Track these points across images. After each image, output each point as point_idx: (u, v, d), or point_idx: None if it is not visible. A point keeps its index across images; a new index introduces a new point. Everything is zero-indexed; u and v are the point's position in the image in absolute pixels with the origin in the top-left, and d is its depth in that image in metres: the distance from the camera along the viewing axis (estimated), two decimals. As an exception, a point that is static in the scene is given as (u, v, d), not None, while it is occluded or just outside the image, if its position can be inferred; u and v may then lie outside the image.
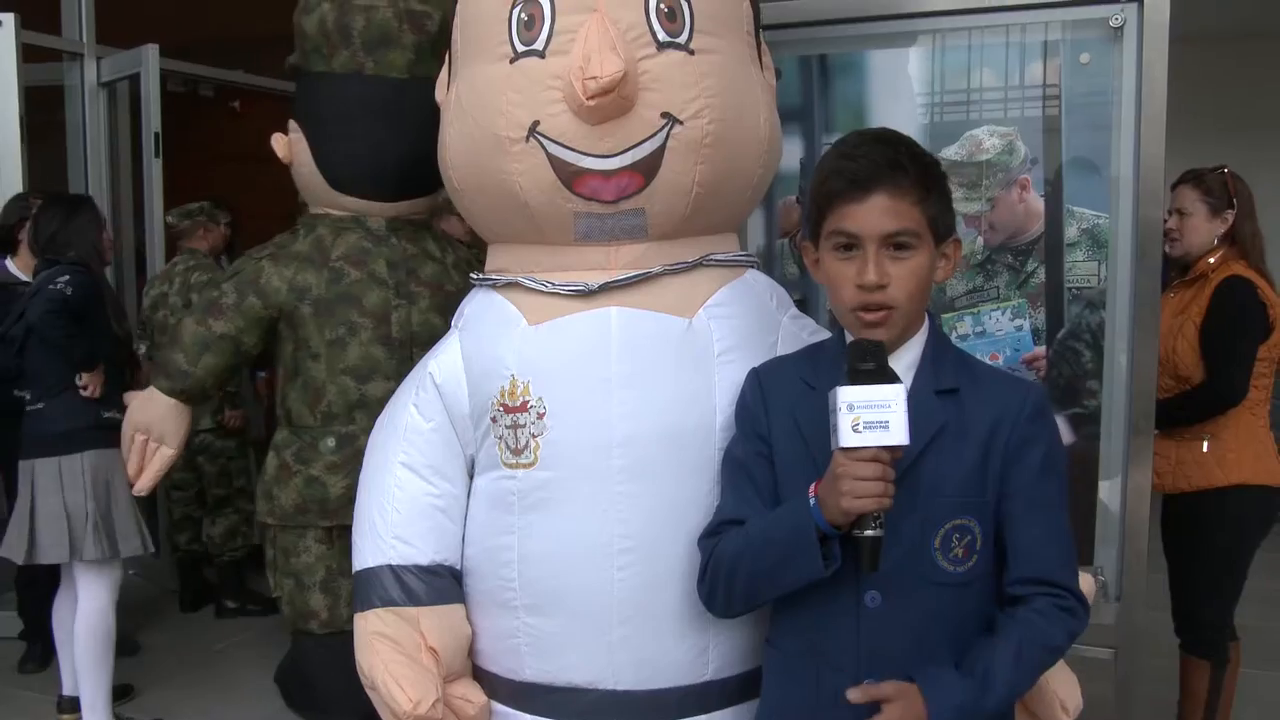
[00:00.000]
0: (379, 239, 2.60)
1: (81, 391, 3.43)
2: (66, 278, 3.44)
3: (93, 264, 3.62)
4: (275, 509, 2.54)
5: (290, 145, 2.66)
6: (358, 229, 2.60)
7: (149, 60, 5.03)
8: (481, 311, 1.86)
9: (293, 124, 2.66)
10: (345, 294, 2.52)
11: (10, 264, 4.12)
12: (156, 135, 5.03)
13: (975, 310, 2.31)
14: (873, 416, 1.36)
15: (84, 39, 5.24)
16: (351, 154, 2.60)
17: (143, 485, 2.59)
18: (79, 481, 3.40)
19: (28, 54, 4.61)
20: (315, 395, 2.50)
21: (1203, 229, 3.13)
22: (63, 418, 3.42)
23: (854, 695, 1.45)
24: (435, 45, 2.61)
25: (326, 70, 2.58)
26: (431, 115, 2.77)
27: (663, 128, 1.67)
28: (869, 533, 1.39)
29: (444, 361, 1.87)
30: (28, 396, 3.53)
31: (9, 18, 4.41)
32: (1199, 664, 3.12)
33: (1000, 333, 2.29)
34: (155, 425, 2.56)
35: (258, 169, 2.87)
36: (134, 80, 5.21)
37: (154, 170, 5.03)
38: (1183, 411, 3.07)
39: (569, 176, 1.69)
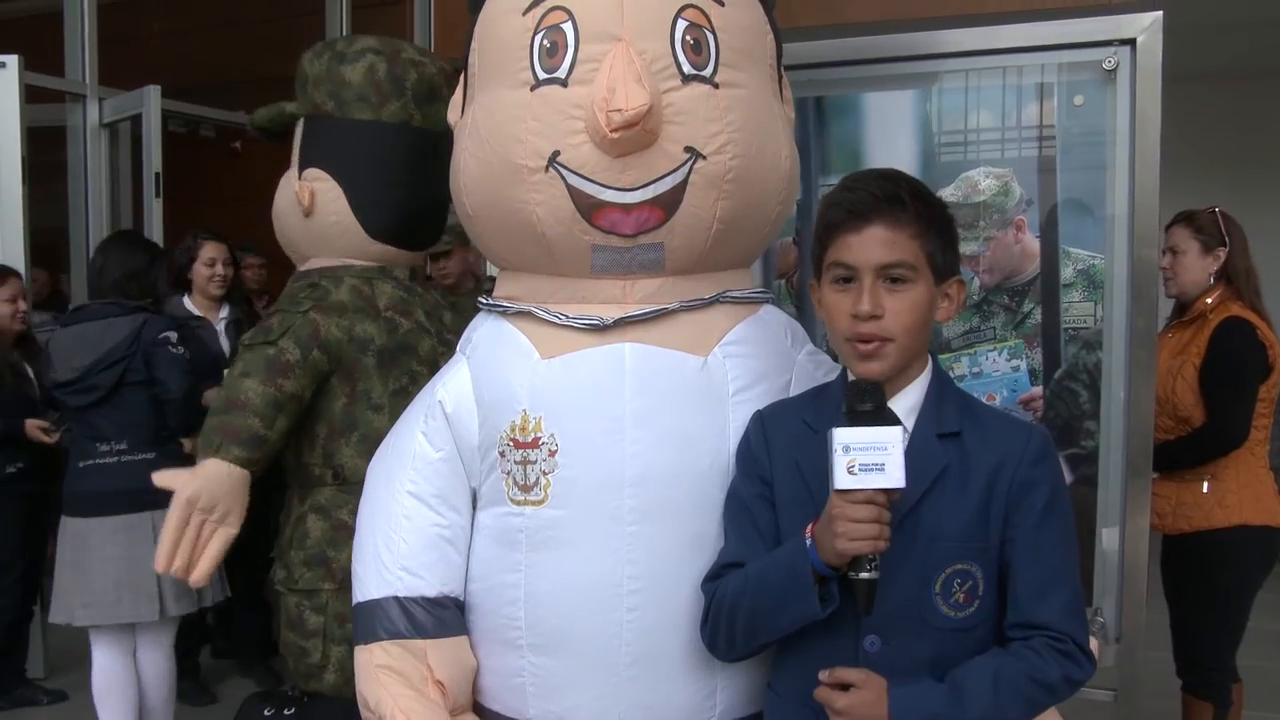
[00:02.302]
0: (406, 288, 2.59)
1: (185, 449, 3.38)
2: (175, 335, 3.36)
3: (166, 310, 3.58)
4: (335, 572, 2.41)
5: (313, 194, 2.57)
6: (387, 279, 2.58)
7: (150, 101, 5.07)
8: (492, 340, 1.84)
9: (314, 172, 2.59)
10: (404, 343, 2.50)
11: (187, 301, 4.24)
12: (157, 175, 5.06)
13: (971, 351, 2.31)
14: (868, 459, 1.36)
15: (86, 80, 5.28)
16: (398, 203, 2.59)
17: (202, 575, 2.31)
18: None
19: (30, 95, 4.64)
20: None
21: (1196, 266, 3.15)
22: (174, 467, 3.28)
23: (823, 676, 1.46)
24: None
25: (374, 118, 2.56)
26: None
27: (685, 162, 1.66)
28: (864, 575, 1.40)
29: (454, 390, 1.84)
30: (110, 447, 3.32)
31: (12, 59, 4.45)
32: (1202, 706, 3.10)
33: (997, 373, 2.30)
34: (222, 502, 2.31)
35: (258, 209, 2.88)
36: (135, 121, 5.25)
37: (155, 210, 5.06)
38: (1185, 454, 3.07)
39: (588, 208, 1.66)
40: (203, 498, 2.28)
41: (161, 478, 2.33)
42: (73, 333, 3.37)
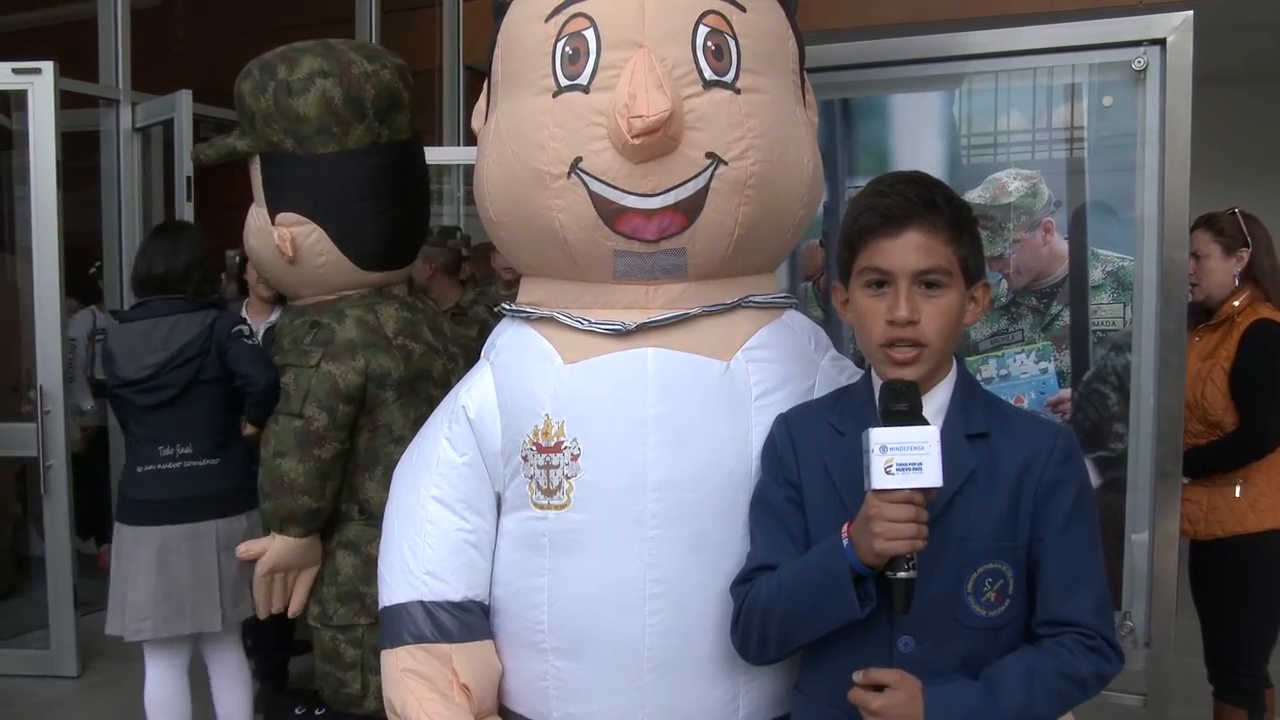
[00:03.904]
0: (409, 306, 2.55)
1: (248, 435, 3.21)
2: (247, 327, 3.20)
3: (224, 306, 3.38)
4: (369, 607, 2.40)
5: (294, 239, 2.47)
6: (389, 301, 2.53)
7: (182, 105, 5.13)
8: (515, 345, 1.84)
9: (289, 216, 2.49)
10: (419, 370, 2.47)
11: (245, 309, 4.19)
12: (189, 179, 5.11)
13: (999, 353, 2.30)
14: (906, 458, 1.36)
15: (120, 85, 5.35)
16: (384, 228, 2.50)
17: (297, 607, 2.55)
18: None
19: (65, 100, 4.69)
20: None
21: (1220, 269, 3.12)
22: (238, 473, 3.16)
23: (858, 677, 1.46)
24: (413, 98, 2.59)
25: (340, 149, 2.45)
26: (425, 166, 2.72)
27: (707, 168, 1.66)
28: (901, 574, 1.40)
29: (477, 395, 1.85)
30: (174, 450, 3.15)
31: (48, 66, 4.50)
32: (1235, 712, 3.07)
33: (1025, 375, 2.28)
34: (297, 561, 2.49)
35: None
36: (167, 125, 5.31)
37: (186, 213, 5.11)
38: (1218, 459, 3.04)
39: (610, 214, 1.67)
40: (279, 566, 2.49)
41: (246, 550, 2.56)
42: (136, 329, 3.17)
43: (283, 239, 2.47)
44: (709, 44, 1.68)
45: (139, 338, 3.15)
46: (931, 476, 1.36)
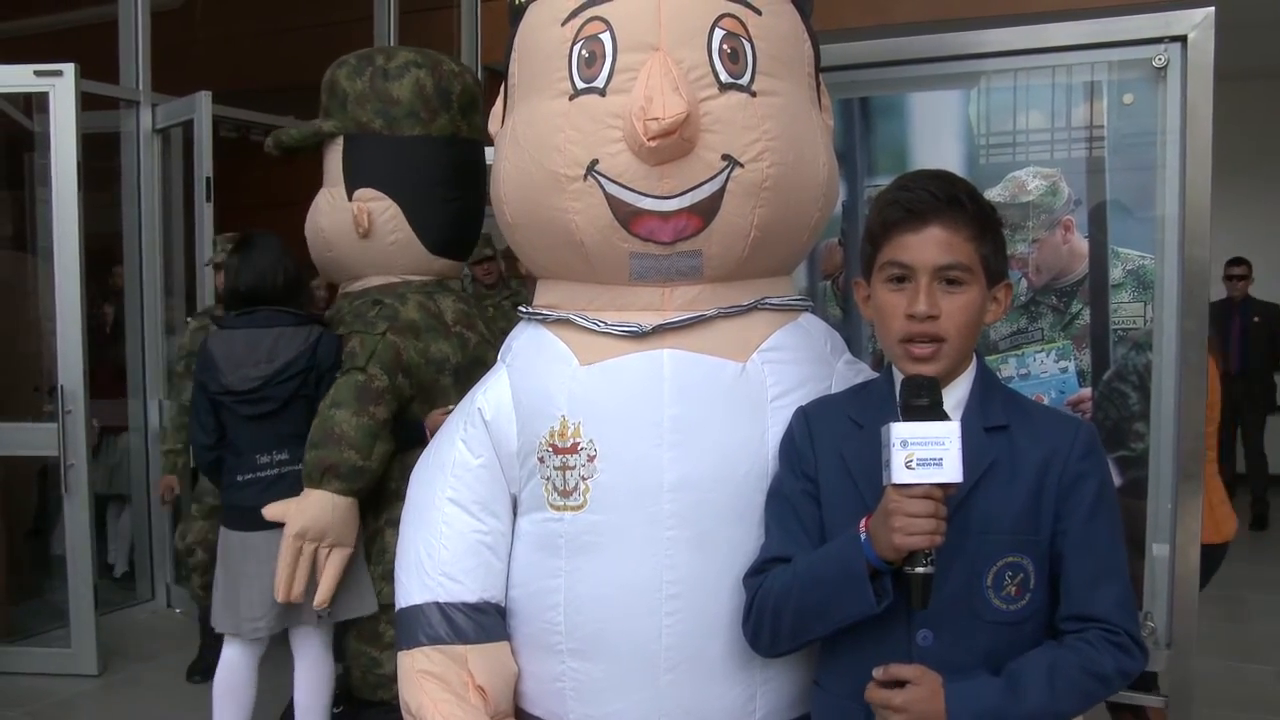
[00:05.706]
0: (466, 299, 2.63)
1: None
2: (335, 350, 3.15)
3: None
4: None
5: (370, 214, 2.56)
6: (447, 292, 2.61)
7: (201, 107, 5.16)
8: (531, 348, 1.85)
9: (367, 192, 2.59)
10: (475, 359, 2.55)
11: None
12: (208, 180, 5.14)
13: (1019, 352, 2.29)
14: (926, 453, 1.36)
15: (140, 87, 5.38)
16: (455, 216, 2.64)
17: (324, 596, 2.49)
18: None
19: (86, 102, 4.72)
20: None
21: None
22: None
23: (878, 674, 1.46)
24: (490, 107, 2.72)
25: (425, 134, 2.59)
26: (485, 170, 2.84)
27: (723, 170, 1.66)
28: (919, 569, 1.40)
29: (493, 397, 1.85)
30: (271, 458, 3.13)
31: (69, 68, 4.53)
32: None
33: (1045, 374, 2.27)
34: (331, 531, 2.45)
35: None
36: (187, 126, 5.34)
37: (205, 214, 5.15)
38: None
39: (626, 217, 1.67)
40: (311, 530, 2.43)
41: (272, 511, 2.47)
42: (240, 339, 3.18)
43: (360, 211, 2.57)
44: (725, 47, 1.68)
45: (243, 347, 3.16)
46: (951, 472, 1.36)
